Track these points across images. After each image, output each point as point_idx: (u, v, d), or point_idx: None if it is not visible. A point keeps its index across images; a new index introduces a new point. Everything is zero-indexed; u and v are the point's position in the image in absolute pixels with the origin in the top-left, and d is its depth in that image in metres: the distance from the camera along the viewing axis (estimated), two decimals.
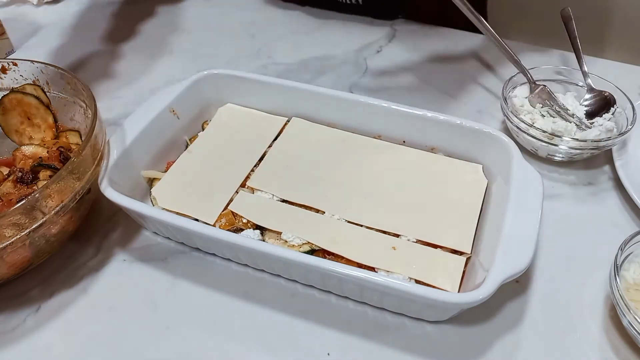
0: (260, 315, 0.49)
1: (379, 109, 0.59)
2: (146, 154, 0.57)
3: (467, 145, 0.57)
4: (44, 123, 0.59)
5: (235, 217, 0.52)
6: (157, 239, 0.55)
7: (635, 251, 0.48)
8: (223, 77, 0.64)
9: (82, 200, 0.49)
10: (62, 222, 0.48)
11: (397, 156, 0.58)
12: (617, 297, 0.44)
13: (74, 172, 0.47)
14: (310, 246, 0.49)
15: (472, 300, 0.41)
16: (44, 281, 0.52)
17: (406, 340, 0.47)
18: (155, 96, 0.60)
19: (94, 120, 0.50)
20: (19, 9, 0.93)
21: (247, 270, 0.52)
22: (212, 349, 0.46)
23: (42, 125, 0.59)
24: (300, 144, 0.60)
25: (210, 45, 0.83)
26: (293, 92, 0.62)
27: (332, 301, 0.49)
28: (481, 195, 0.54)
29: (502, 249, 0.44)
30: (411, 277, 0.46)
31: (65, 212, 0.47)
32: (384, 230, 0.51)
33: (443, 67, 0.78)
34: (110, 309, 0.49)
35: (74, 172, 0.47)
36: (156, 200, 0.54)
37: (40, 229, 0.46)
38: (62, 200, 0.47)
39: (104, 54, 0.82)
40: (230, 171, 0.57)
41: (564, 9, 0.71)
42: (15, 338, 0.48)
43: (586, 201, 0.58)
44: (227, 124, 0.63)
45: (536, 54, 0.78)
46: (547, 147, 0.60)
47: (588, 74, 0.66)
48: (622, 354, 0.46)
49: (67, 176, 0.47)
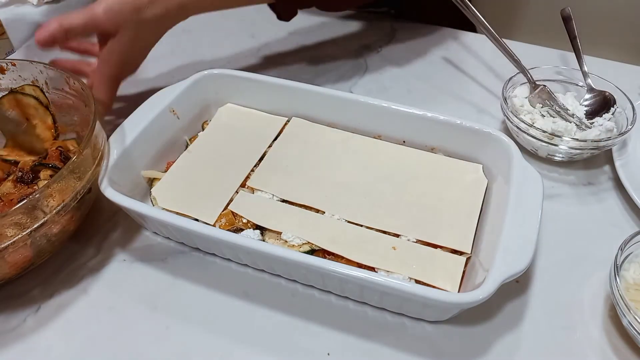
0: (260, 315, 0.49)
1: (379, 109, 0.59)
2: (146, 154, 0.57)
3: (467, 145, 0.57)
4: (43, 124, 0.59)
5: (235, 217, 0.52)
6: (157, 239, 0.55)
7: (635, 251, 0.48)
8: (223, 77, 0.64)
9: (83, 200, 0.49)
10: (63, 221, 0.48)
11: (397, 156, 0.58)
12: (617, 297, 0.44)
13: (75, 172, 0.47)
14: (310, 246, 0.49)
15: (472, 300, 0.41)
16: (44, 281, 0.52)
17: (406, 340, 0.47)
18: (155, 96, 0.60)
19: (93, 120, 0.50)
20: (19, 9, 0.93)
21: (247, 270, 0.52)
22: (212, 349, 0.46)
23: (41, 126, 0.59)
24: (300, 144, 0.60)
25: (210, 45, 0.83)
26: (293, 92, 0.62)
27: (332, 301, 0.49)
28: (481, 195, 0.54)
29: (502, 249, 0.44)
30: (411, 277, 0.46)
31: (66, 212, 0.47)
32: (384, 230, 0.51)
33: (443, 67, 0.78)
34: (110, 309, 0.49)
35: (75, 171, 0.47)
36: (156, 200, 0.54)
37: (42, 228, 0.46)
38: (63, 200, 0.47)
39: None
40: (230, 171, 0.57)
41: (564, 8, 0.71)
42: (15, 338, 0.48)
43: (586, 201, 0.58)
44: (227, 124, 0.63)
45: (536, 53, 0.78)
46: (547, 147, 0.60)
47: (588, 74, 0.66)
48: (622, 354, 0.46)
49: (68, 175, 0.47)
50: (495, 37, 0.67)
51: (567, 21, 0.70)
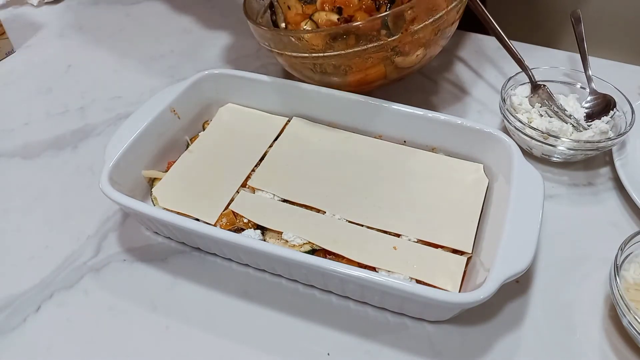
0: (260, 315, 0.49)
1: (379, 109, 0.59)
2: (147, 153, 0.57)
3: (468, 145, 0.57)
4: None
5: (236, 217, 0.52)
6: (158, 238, 0.55)
7: (635, 251, 0.48)
8: (224, 77, 0.64)
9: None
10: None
11: (398, 156, 0.58)
12: (617, 297, 0.44)
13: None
14: (311, 246, 0.49)
15: (473, 300, 0.42)
16: (43, 281, 0.52)
17: (407, 340, 0.47)
18: (155, 96, 0.60)
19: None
20: (19, 9, 0.93)
21: (248, 270, 0.52)
22: (212, 349, 0.46)
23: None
24: (300, 144, 0.60)
25: (210, 45, 0.83)
26: (294, 92, 0.62)
27: (333, 301, 0.49)
28: (482, 195, 0.54)
29: (503, 249, 0.44)
30: (412, 277, 0.46)
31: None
32: (384, 230, 0.51)
33: (443, 67, 0.78)
34: (110, 309, 0.49)
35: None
36: (157, 200, 0.54)
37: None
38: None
39: (103, 54, 0.83)
40: (231, 171, 0.57)
41: (574, 10, 0.70)
42: (15, 338, 0.48)
43: (586, 201, 0.59)
44: (227, 123, 0.63)
45: (540, 53, 0.78)
46: (541, 147, 0.60)
47: (592, 78, 0.66)
48: (622, 354, 0.46)
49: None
50: (499, 34, 0.67)
51: (577, 23, 0.70)
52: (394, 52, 0.55)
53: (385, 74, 0.59)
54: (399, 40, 0.53)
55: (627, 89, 0.63)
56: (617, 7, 1.12)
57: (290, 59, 0.59)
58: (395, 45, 0.53)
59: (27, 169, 0.64)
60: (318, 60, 0.56)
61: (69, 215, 0.58)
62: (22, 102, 0.74)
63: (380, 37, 0.52)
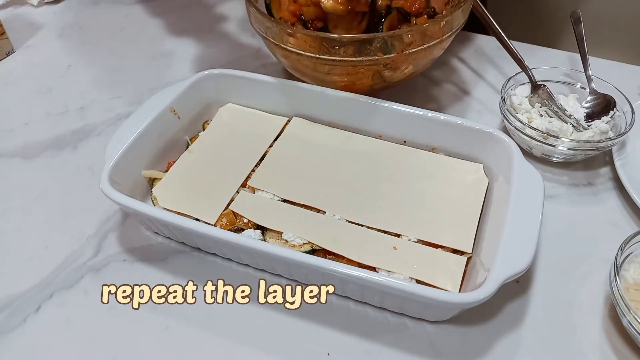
0: (260, 315, 0.49)
1: (379, 109, 0.59)
2: (147, 153, 0.57)
3: (468, 145, 0.57)
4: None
5: (236, 217, 0.52)
6: (158, 238, 0.55)
7: (635, 251, 0.48)
8: (224, 77, 0.64)
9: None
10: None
11: (398, 156, 0.58)
12: (617, 297, 0.44)
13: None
14: (311, 246, 0.49)
15: (473, 300, 0.42)
16: (43, 281, 0.52)
17: (407, 340, 0.47)
18: (155, 96, 0.60)
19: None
20: (19, 9, 0.93)
21: (248, 270, 0.52)
22: (212, 349, 0.46)
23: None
24: (301, 144, 0.60)
25: (210, 45, 0.83)
26: (294, 91, 0.62)
27: (333, 301, 0.49)
28: (482, 195, 0.54)
29: (503, 249, 0.44)
30: (412, 277, 0.46)
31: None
32: (384, 230, 0.51)
33: (443, 67, 0.78)
34: (110, 309, 0.49)
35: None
36: (157, 200, 0.54)
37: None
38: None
39: (104, 54, 0.83)
40: (231, 171, 0.57)
41: (574, 10, 0.70)
42: (15, 338, 0.48)
43: (586, 201, 0.59)
44: (227, 123, 0.63)
45: (540, 53, 0.78)
46: (541, 147, 0.60)
47: (592, 78, 0.66)
48: (622, 354, 0.46)
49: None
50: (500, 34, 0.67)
51: (577, 23, 0.70)
52: (385, 67, 0.58)
53: (372, 85, 0.61)
54: (392, 59, 0.57)
55: (627, 89, 0.63)
56: (617, 7, 1.12)
57: (284, 51, 0.60)
58: (388, 62, 0.57)
59: (27, 169, 0.64)
60: (312, 59, 0.57)
61: (69, 215, 0.58)
62: (22, 102, 0.74)
63: (376, 53, 0.56)
